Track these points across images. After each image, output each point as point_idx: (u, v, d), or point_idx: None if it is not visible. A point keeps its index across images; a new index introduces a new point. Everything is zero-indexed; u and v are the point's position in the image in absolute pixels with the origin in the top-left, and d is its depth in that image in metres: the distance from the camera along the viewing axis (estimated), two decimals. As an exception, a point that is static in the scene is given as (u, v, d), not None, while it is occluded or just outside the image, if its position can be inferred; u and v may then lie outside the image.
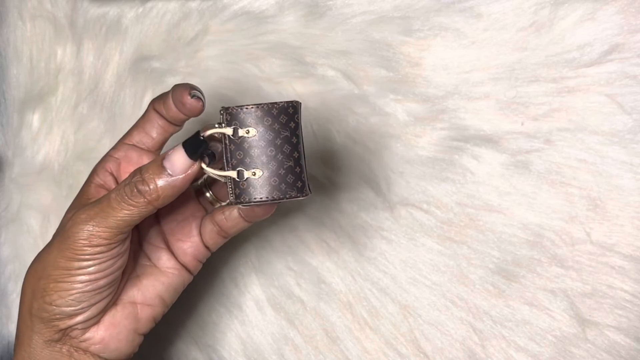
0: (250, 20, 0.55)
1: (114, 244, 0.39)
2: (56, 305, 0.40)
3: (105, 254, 0.39)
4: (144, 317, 0.43)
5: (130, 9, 0.57)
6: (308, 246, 0.54)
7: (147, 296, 0.43)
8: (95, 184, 0.43)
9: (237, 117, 0.39)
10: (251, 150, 0.39)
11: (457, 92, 0.51)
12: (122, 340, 0.42)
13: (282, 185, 0.39)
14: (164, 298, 0.44)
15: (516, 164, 0.50)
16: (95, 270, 0.39)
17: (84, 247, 0.39)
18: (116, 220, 0.39)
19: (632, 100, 0.48)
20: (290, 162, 0.39)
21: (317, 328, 0.54)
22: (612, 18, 0.48)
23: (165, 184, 0.39)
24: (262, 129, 0.39)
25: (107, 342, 0.42)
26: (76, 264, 0.39)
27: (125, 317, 0.42)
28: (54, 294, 0.40)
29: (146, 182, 0.39)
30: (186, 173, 0.39)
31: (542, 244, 0.50)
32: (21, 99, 0.59)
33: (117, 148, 0.44)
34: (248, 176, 0.39)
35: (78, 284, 0.39)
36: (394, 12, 0.53)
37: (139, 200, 0.39)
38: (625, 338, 0.48)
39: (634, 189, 0.48)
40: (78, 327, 0.41)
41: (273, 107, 0.39)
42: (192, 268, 0.45)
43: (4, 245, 0.59)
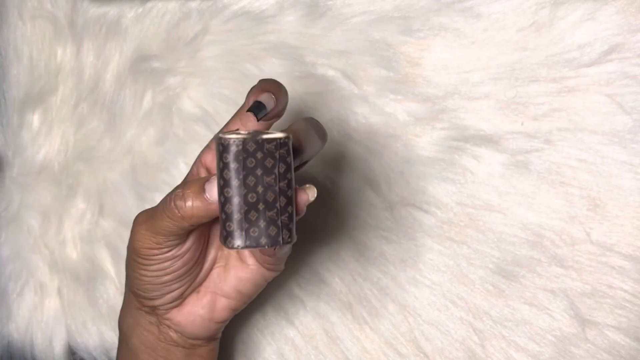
0: (250, 20, 0.55)
1: (165, 248, 0.40)
2: (136, 288, 0.42)
3: (160, 256, 0.40)
4: (221, 308, 0.44)
5: (130, 9, 0.57)
6: (308, 246, 0.54)
7: (226, 288, 0.44)
8: (193, 173, 0.44)
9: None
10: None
11: (457, 92, 0.51)
12: (197, 326, 0.44)
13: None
14: (243, 292, 0.44)
15: (516, 164, 0.50)
16: (154, 268, 0.41)
17: (141, 248, 0.40)
18: (160, 228, 0.40)
19: (632, 100, 0.48)
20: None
21: (317, 328, 0.54)
22: (612, 18, 0.48)
23: (200, 205, 0.39)
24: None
25: (183, 325, 0.44)
26: (139, 259, 0.41)
27: (202, 307, 0.44)
28: (131, 279, 0.43)
29: (184, 198, 0.39)
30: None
31: (542, 244, 0.50)
32: (21, 99, 0.59)
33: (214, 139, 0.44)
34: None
35: (144, 277, 0.41)
36: (394, 12, 0.53)
37: (175, 214, 0.39)
38: (625, 338, 0.48)
39: (634, 189, 0.48)
40: (160, 308, 0.43)
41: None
42: (267, 268, 0.44)
43: (4, 245, 0.59)
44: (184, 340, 0.44)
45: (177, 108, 0.56)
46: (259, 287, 0.44)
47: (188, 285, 0.43)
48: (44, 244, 0.59)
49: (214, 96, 0.56)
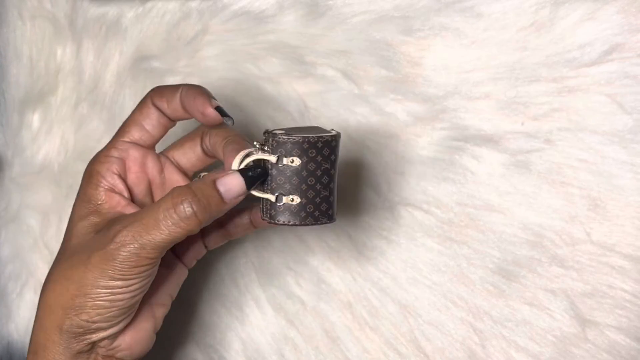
0: (250, 20, 0.55)
1: (156, 262, 0.40)
2: (93, 321, 0.40)
3: (147, 271, 0.40)
4: (159, 316, 0.44)
5: (130, 9, 0.57)
6: (308, 246, 0.54)
7: (160, 296, 0.44)
8: (104, 187, 0.43)
9: (284, 146, 0.40)
10: (292, 178, 0.40)
11: (457, 92, 0.51)
12: (144, 342, 0.43)
13: (316, 212, 0.41)
14: (172, 295, 0.45)
15: (516, 164, 0.50)
16: (137, 287, 0.40)
17: (131, 267, 0.39)
18: (164, 241, 0.39)
19: (632, 100, 0.48)
20: (327, 192, 0.41)
21: (317, 328, 0.54)
22: (613, 18, 0.48)
23: (217, 206, 0.39)
24: (306, 159, 0.40)
25: (132, 347, 0.42)
26: (120, 283, 0.39)
27: (146, 320, 0.43)
28: (91, 312, 0.39)
29: (201, 203, 0.39)
30: (236, 199, 0.40)
31: (542, 244, 0.50)
32: (21, 98, 0.59)
33: (116, 147, 0.44)
34: (286, 201, 0.40)
35: (119, 302, 0.39)
36: (394, 12, 0.53)
37: (192, 222, 0.39)
38: (626, 338, 0.48)
39: (634, 189, 0.48)
40: (109, 338, 0.41)
41: (319, 141, 0.40)
42: (188, 265, 0.47)
43: (4, 245, 0.59)
44: None
45: (177, 108, 0.56)
46: (179, 287, 0.46)
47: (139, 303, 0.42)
48: (44, 244, 0.59)
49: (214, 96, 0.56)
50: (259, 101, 0.55)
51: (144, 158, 0.44)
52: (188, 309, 0.56)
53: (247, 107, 0.55)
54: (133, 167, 0.44)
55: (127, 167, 0.44)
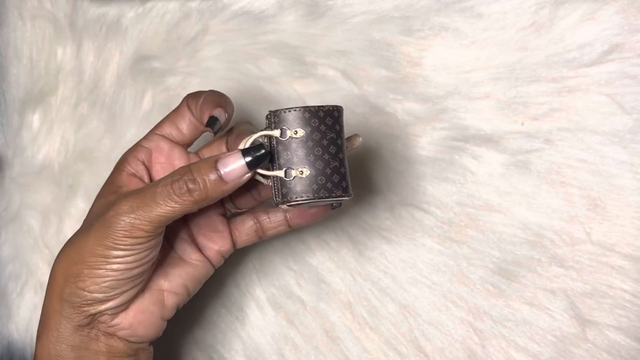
0: (250, 20, 0.55)
1: (152, 237, 0.40)
2: (89, 291, 0.40)
3: (143, 245, 0.40)
4: (170, 304, 0.44)
5: (130, 9, 0.57)
6: (308, 246, 0.54)
7: (174, 284, 0.44)
8: (127, 172, 0.44)
9: (285, 119, 0.40)
10: (298, 150, 0.40)
11: (457, 92, 0.51)
12: (149, 326, 0.43)
13: (329, 184, 0.40)
14: (188, 287, 0.45)
15: (516, 164, 0.50)
16: (132, 259, 0.40)
17: (124, 237, 0.39)
18: (159, 215, 0.39)
19: (632, 100, 0.48)
20: (336, 163, 0.40)
21: (317, 328, 0.54)
22: (612, 18, 0.48)
23: (215, 186, 0.39)
24: (310, 129, 0.40)
25: (135, 327, 0.43)
26: (114, 252, 0.40)
27: (153, 304, 0.43)
28: (87, 280, 0.40)
29: (197, 181, 0.39)
30: (239, 180, 0.40)
31: (542, 244, 0.50)
32: (21, 98, 0.59)
33: (148, 138, 0.45)
34: (295, 174, 0.39)
35: (113, 272, 0.40)
36: (394, 12, 0.53)
37: (187, 199, 0.39)
38: (625, 338, 0.48)
39: (634, 189, 0.48)
40: (108, 312, 0.41)
41: (320, 110, 0.40)
42: (215, 262, 0.46)
43: (4, 245, 0.59)
44: (129, 347, 0.43)
45: (177, 108, 0.56)
46: (201, 283, 0.46)
47: (144, 283, 0.42)
48: (44, 244, 0.59)
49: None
50: (259, 101, 0.55)
51: (171, 151, 0.45)
52: (188, 309, 0.56)
53: (247, 107, 0.55)
54: (160, 158, 0.45)
55: (154, 157, 0.45)
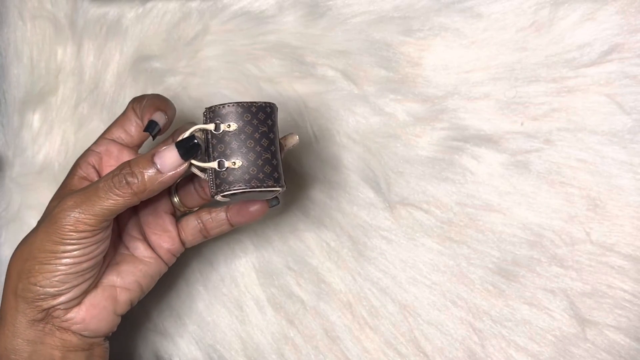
0: (250, 20, 0.55)
1: (97, 230, 0.41)
2: (40, 286, 0.42)
3: (89, 239, 0.41)
4: (122, 300, 0.45)
5: (130, 9, 0.57)
6: (308, 246, 0.54)
7: (126, 281, 0.46)
8: (79, 176, 0.46)
9: (219, 113, 0.42)
10: (231, 143, 0.41)
11: (457, 92, 0.51)
12: (102, 321, 0.44)
13: (260, 174, 0.41)
14: (141, 284, 0.46)
15: (516, 164, 0.50)
16: (79, 254, 0.41)
17: (70, 232, 0.41)
18: (102, 208, 0.41)
19: (632, 100, 0.48)
20: (268, 155, 0.42)
21: (317, 328, 0.54)
22: (612, 18, 0.48)
23: (153, 178, 0.41)
24: (242, 123, 0.42)
25: (87, 322, 0.44)
26: (61, 247, 0.41)
27: (105, 299, 0.44)
28: (38, 275, 0.42)
29: (135, 174, 0.41)
30: (176, 171, 0.41)
31: (542, 244, 0.50)
32: (21, 99, 0.59)
33: (98, 143, 0.47)
34: (228, 166, 0.41)
35: (62, 266, 0.41)
36: (394, 12, 0.53)
37: (126, 191, 0.41)
38: (625, 338, 0.48)
39: (634, 189, 0.48)
40: (60, 307, 0.43)
41: (252, 105, 0.42)
42: (166, 260, 0.48)
43: (4, 245, 0.59)
44: (83, 342, 0.44)
45: (177, 108, 0.56)
46: (154, 280, 0.47)
47: (95, 278, 0.44)
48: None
49: (214, 96, 0.56)
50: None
51: (120, 154, 0.47)
52: (188, 309, 0.56)
53: (247, 107, 0.55)
54: (109, 161, 0.47)
55: (104, 160, 0.47)
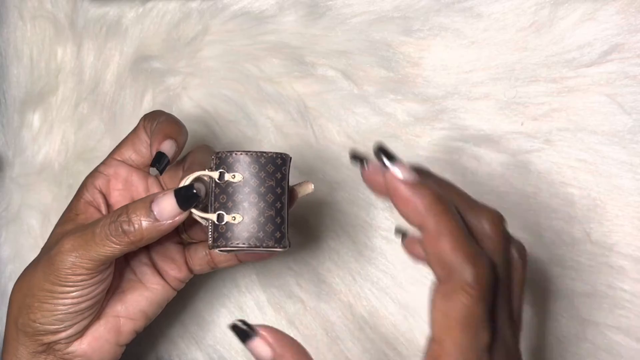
0: (250, 20, 0.55)
1: (95, 274, 0.40)
2: (40, 323, 0.41)
3: (87, 281, 0.40)
4: (126, 331, 0.44)
5: (130, 9, 0.57)
6: (308, 246, 0.54)
7: (131, 311, 0.44)
8: (85, 199, 0.44)
9: (226, 161, 0.39)
10: (234, 195, 0.39)
11: (457, 92, 0.51)
12: (104, 353, 0.43)
13: (260, 233, 0.39)
14: (147, 312, 0.45)
15: (516, 163, 0.50)
16: (77, 295, 0.40)
17: (68, 275, 0.40)
18: (98, 254, 0.40)
19: (632, 100, 0.48)
20: (272, 212, 0.39)
21: (317, 328, 0.54)
22: (612, 18, 0.48)
23: (150, 227, 0.39)
24: (248, 174, 0.39)
25: (89, 355, 0.43)
26: (59, 288, 0.40)
27: (108, 331, 0.43)
28: (37, 313, 0.41)
29: (132, 222, 0.39)
30: (174, 220, 0.40)
31: (542, 244, 0.50)
32: (21, 99, 0.59)
33: (106, 164, 0.45)
34: (227, 220, 0.39)
35: (61, 306, 0.40)
36: (394, 12, 0.53)
37: (122, 240, 0.39)
38: (625, 338, 0.48)
39: (634, 189, 0.48)
40: (61, 342, 0.42)
41: (261, 156, 0.39)
42: (174, 287, 0.46)
43: (4, 245, 0.59)
44: None
45: (177, 108, 0.56)
46: (161, 307, 0.46)
47: (97, 312, 0.43)
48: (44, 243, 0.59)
49: (214, 96, 0.56)
50: (259, 101, 0.55)
51: (129, 176, 0.45)
52: (188, 309, 0.56)
53: (247, 107, 0.55)
54: (117, 185, 0.45)
55: (111, 184, 0.45)
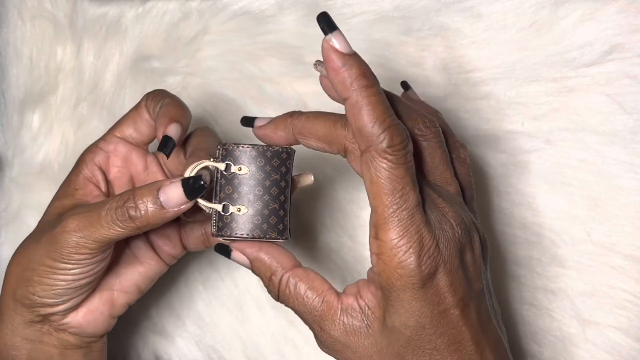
0: (250, 20, 0.55)
1: (97, 253, 0.41)
2: (39, 296, 0.42)
3: (89, 260, 0.41)
4: (119, 303, 0.45)
5: (130, 9, 0.57)
6: (308, 246, 0.54)
7: (125, 285, 0.45)
8: (84, 175, 0.45)
9: (232, 153, 0.40)
10: (240, 187, 0.40)
11: (457, 92, 0.51)
12: (99, 325, 0.44)
13: (264, 225, 0.40)
14: (140, 286, 0.46)
15: (516, 163, 0.50)
16: (78, 272, 0.41)
17: (70, 253, 0.40)
18: (103, 236, 0.40)
19: (632, 100, 0.48)
20: (275, 205, 0.40)
21: (317, 328, 0.54)
22: (613, 18, 0.48)
23: (156, 214, 0.40)
24: (254, 168, 0.40)
25: (84, 326, 0.44)
26: (61, 265, 0.41)
27: (103, 304, 0.44)
28: (37, 286, 0.42)
29: (138, 208, 0.40)
30: (179, 208, 0.40)
31: (542, 244, 0.50)
32: (21, 98, 0.59)
33: (106, 140, 0.46)
34: (233, 211, 0.40)
35: (61, 282, 0.41)
36: (394, 12, 0.53)
37: (128, 225, 0.40)
38: (626, 338, 0.48)
39: (634, 189, 0.48)
40: (58, 314, 0.43)
41: (267, 150, 0.40)
42: (167, 262, 0.47)
43: (4, 245, 0.59)
44: (81, 341, 0.44)
45: (177, 108, 0.56)
46: (153, 282, 0.47)
47: (94, 287, 0.44)
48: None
49: (214, 96, 0.56)
50: (259, 101, 0.55)
51: (128, 154, 0.46)
52: (188, 309, 0.56)
53: (247, 107, 0.55)
54: (116, 161, 0.46)
55: (111, 161, 0.46)
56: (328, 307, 0.37)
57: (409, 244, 0.34)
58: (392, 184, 0.35)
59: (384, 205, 0.35)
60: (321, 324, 0.37)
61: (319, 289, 0.38)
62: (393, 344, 0.36)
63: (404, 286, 0.35)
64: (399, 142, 0.35)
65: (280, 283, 0.39)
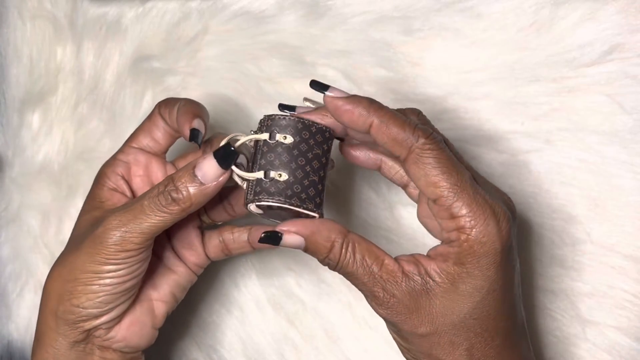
0: (250, 20, 0.55)
1: (143, 248, 0.41)
2: (83, 307, 0.41)
3: (134, 257, 0.41)
4: (160, 313, 0.46)
5: (130, 9, 0.57)
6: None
7: (162, 293, 0.46)
8: (108, 187, 0.45)
9: (278, 123, 0.40)
10: (282, 155, 0.40)
11: (457, 92, 0.51)
12: (142, 336, 0.44)
13: (303, 194, 0.40)
14: (176, 294, 0.47)
15: (516, 163, 0.50)
16: (125, 273, 0.41)
17: (117, 251, 0.40)
18: (149, 226, 0.40)
19: (632, 100, 0.48)
20: (315, 177, 0.40)
21: (317, 328, 0.54)
22: (613, 18, 0.48)
23: (197, 191, 0.40)
24: (299, 139, 0.40)
25: (128, 339, 0.44)
26: (106, 267, 0.41)
27: (144, 314, 0.45)
28: (82, 297, 0.41)
29: (179, 190, 0.40)
30: (217, 181, 0.41)
31: (542, 244, 0.50)
32: (21, 98, 0.59)
33: (124, 151, 0.46)
34: (274, 176, 0.40)
35: (107, 286, 0.41)
36: (394, 12, 0.53)
37: (174, 208, 0.40)
38: (626, 338, 0.48)
39: (634, 189, 0.48)
40: (102, 327, 0.43)
41: (313, 125, 0.41)
42: (195, 271, 0.48)
43: (4, 245, 0.59)
44: (123, 358, 0.44)
45: (177, 108, 0.56)
46: (185, 290, 0.48)
47: (136, 295, 0.44)
48: (44, 244, 0.59)
49: (214, 96, 0.56)
50: (259, 101, 0.55)
51: (148, 163, 0.46)
52: (188, 309, 0.56)
53: (247, 107, 0.55)
54: (138, 171, 0.46)
55: (132, 171, 0.46)
56: (389, 270, 0.39)
57: (485, 214, 0.37)
58: (447, 166, 0.38)
59: (449, 187, 0.37)
60: (384, 286, 0.38)
61: (377, 252, 0.39)
62: (459, 306, 0.38)
63: (486, 252, 0.37)
64: (430, 133, 0.38)
65: (342, 250, 0.39)
